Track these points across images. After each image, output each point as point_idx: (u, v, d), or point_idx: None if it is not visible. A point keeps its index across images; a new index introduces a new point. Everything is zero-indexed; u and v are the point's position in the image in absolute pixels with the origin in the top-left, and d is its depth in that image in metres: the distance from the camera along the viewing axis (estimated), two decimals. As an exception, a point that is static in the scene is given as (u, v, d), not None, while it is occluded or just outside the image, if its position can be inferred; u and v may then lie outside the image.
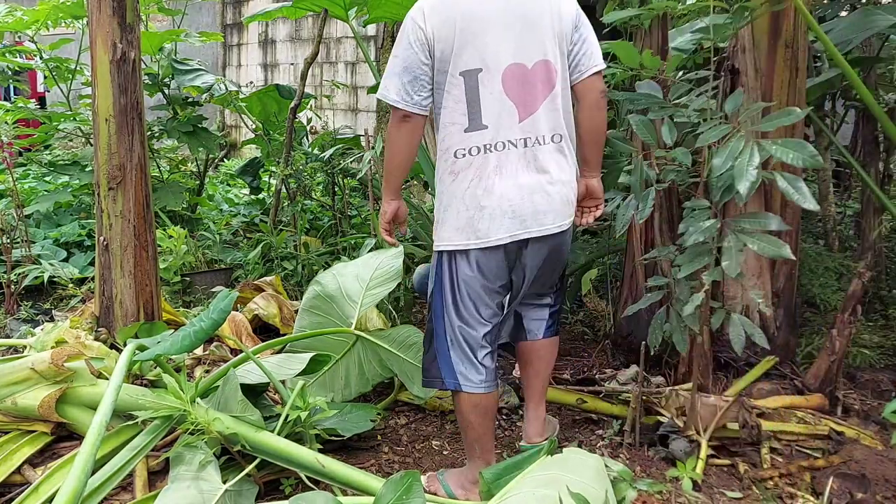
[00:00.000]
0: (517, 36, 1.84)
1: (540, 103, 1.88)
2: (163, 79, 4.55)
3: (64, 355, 2.04)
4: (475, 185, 1.86)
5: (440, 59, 1.83)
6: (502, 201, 1.85)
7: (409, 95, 1.84)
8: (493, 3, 1.84)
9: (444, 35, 1.81)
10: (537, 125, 1.88)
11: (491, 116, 1.85)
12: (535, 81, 1.87)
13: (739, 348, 1.84)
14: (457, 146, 1.87)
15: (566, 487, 1.57)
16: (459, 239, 1.88)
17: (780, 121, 1.82)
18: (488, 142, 1.85)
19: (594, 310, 3.49)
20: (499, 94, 1.85)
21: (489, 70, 1.83)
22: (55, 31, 4.51)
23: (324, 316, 2.50)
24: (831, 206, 3.65)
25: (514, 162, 1.86)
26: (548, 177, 1.89)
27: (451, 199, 1.89)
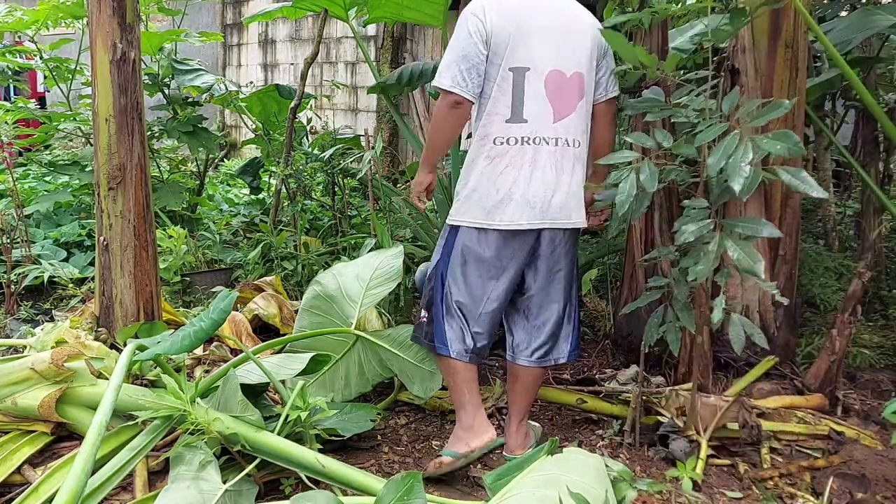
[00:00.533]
0: (560, 46, 2.03)
1: (572, 110, 2.07)
2: (163, 79, 4.55)
3: (64, 355, 2.04)
4: (508, 172, 2.02)
5: (494, 53, 1.99)
6: (529, 191, 2.02)
7: (465, 82, 1.98)
8: (544, 13, 2.03)
9: (502, 31, 1.98)
10: (568, 129, 2.07)
11: (531, 113, 2.02)
12: (571, 89, 2.06)
13: (739, 348, 1.84)
14: (496, 134, 2.03)
15: (566, 487, 1.57)
16: (485, 219, 2.04)
17: (770, 114, 1.81)
18: (527, 135, 2.02)
19: (594, 310, 3.49)
20: (541, 94, 2.02)
21: (535, 71, 2.01)
22: (55, 31, 4.51)
23: (324, 316, 2.50)
24: (831, 206, 3.65)
25: (545, 158, 2.04)
26: (568, 177, 2.07)
27: (481, 181, 2.05)
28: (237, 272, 4.17)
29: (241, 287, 3.41)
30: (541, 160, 2.03)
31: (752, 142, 1.73)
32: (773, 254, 2.59)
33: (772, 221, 2.39)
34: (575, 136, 2.09)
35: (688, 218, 1.90)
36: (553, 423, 2.48)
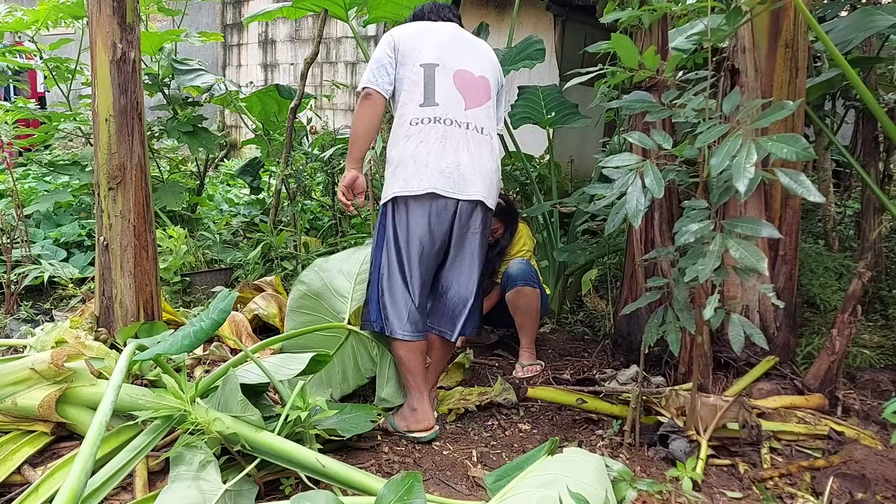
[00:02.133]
0: (465, 53, 2.42)
1: (481, 104, 2.39)
2: (163, 79, 4.55)
3: (64, 355, 2.04)
4: (422, 146, 2.27)
5: (403, 55, 2.33)
6: (442, 162, 2.26)
7: (375, 78, 2.32)
8: (447, 31, 2.44)
9: (409, 39, 2.36)
10: (478, 118, 2.37)
11: (442, 98, 2.32)
12: (479, 87, 2.40)
13: (739, 348, 1.84)
14: (412, 116, 2.32)
15: (566, 487, 1.57)
16: (405, 188, 2.26)
17: (774, 115, 1.81)
18: (439, 115, 2.31)
19: (594, 310, 3.49)
20: (451, 85, 2.35)
21: (444, 67, 2.35)
22: (55, 31, 4.51)
23: (312, 314, 2.53)
24: (831, 206, 3.65)
25: (458, 137, 2.31)
26: (479, 158, 2.33)
27: (402, 158, 2.30)
28: (237, 272, 4.17)
29: (241, 287, 3.41)
30: (453, 138, 2.30)
31: (756, 143, 1.73)
32: (773, 254, 2.59)
33: (772, 222, 2.40)
34: (485, 126, 2.38)
35: (688, 218, 1.90)
36: (553, 423, 2.48)
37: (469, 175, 2.28)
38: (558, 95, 4.22)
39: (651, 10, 2.33)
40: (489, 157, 2.35)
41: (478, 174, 2.30)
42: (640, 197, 1.86)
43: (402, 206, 2.27)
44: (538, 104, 4.23)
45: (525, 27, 5.65)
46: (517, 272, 2.99)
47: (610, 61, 2.65)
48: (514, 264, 3.03)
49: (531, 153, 4.83)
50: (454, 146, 2.28)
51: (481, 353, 3.17)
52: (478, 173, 2.30)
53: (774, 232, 1.80)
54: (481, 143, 2.34)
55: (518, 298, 2.98)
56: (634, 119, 2.79)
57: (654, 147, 2.00)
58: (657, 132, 2.02)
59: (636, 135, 2.05)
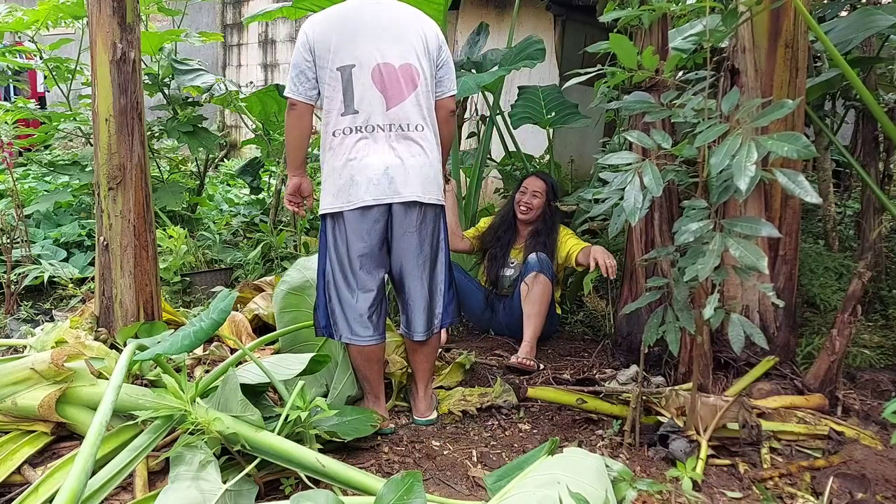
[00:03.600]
0: (385, 41, 2.26)
1: (406, 96, 2.27)
2: (163, 79, 4.55)
3: (64, 355, 2.04)
4: (349, 158, 2.23)
5: (319, 57, 2.24)
6: (369, 172, 2.22)
7: (297, 86, 2.27)
8: (367, 14, 2.27)
9: (323, 38, 2.23)
10: (404, 114, 2.27)
11: (362, 103, 2.24)
12: (402, 79, 2.27)
13: (739, 348, 1.84)
14: (335, 127, 2.26)
15: (566, 487, 1.57)
16: (335, 204, 2.25)
17: (774, 114, 1.81)
18: (360, 124, 2.24)
19: (594, 310, 3.49)
20: (369, 86, 2.24)
21: (361, 66, 2.24)
22: (55, 31, 4.51)
23: (297, 310, 2.55)
24: (831, 206, 3.65)
25: (382, 142, 2.25)
26: (408, 157, 2.26)
27: (330, 172, 2.28)
28: (237, 272, 4.17)
29: (241, 287, 3.41)
30: (376, 145, 2.24)
31: (756, 142, 1.73)
32: (773, 254, 2.59)
33: (772, 221, 2.39)
34: (412, 120, 2.29)
35: (688, 218, 1.90)
36: (553, 423, 2.48)
37: (398, 177, 2.23)
38: (558, 95, 4.22)
39: (650, 10, 2.32)
40: (419, 153, 2.28)
41: (408, 174, 2.25)
42: (639, 195, 1.87)
43: (339, 219, 2.26)
44: (538, 104, 4.24)
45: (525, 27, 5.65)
46: (536, 261, 3.10)
47: (610, 61, 2.64)
48: (535, 255, 3.13)
49: (531, 153, 4.83)
50: (379, 152, 2.23)
51: (481, 354, 3.17)
52: (408, 173, 2.25)
53: (774, 231, 1.80)
54: (409, 141, 2.28)
55: (533, 284, 3.04)
56: (634, 119, 2.79)
57: (654, 146, 2.00)
58: (657, 132, 2.02)
59: (635, 134, 2.05)
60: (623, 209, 1.89)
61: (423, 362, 2.44)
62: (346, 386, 2.42)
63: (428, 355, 2.43)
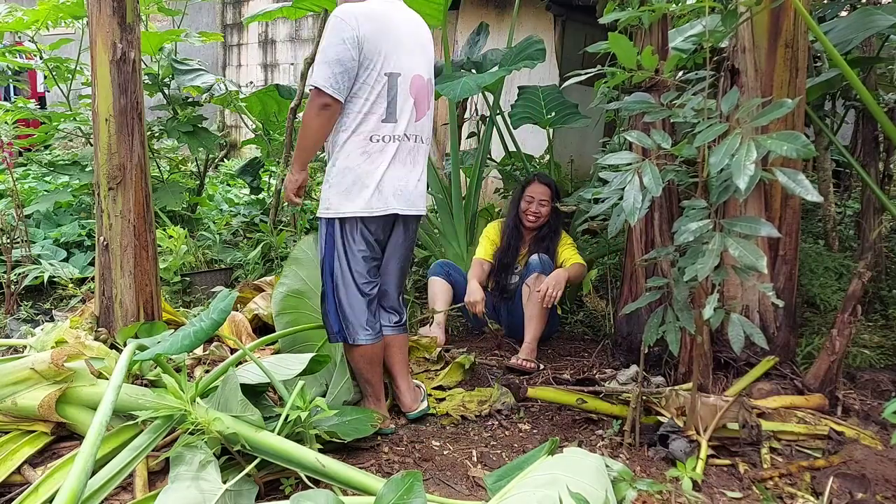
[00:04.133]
0: (418, 54, 2.29)
1: (427, 110, 2.34)
2: (163, 79, 4.55)
3: (64, 355, 2.04)
4: (381, 166, 2.22)
5: (367, 58, 2.14)
6: (396, 182, 2.24)
7: (339, 84, 2.11)
8: (405, 23, 2.26)
9: (374, 38, 2.13)
10: (423, 128, 2.33)
11: (402, 113, 2.24)
12: (427, 93, 2.33)
13: (739, 348, 1.84)
14: (373, 132, 2.20)
15: (566, 487, 1.57)
16: (366, 209, 2.21)
17: (773, 114, 1.81)
18: (398, 133, 2.24)
19: (594, 310, 3.49)
20: (408, 97, 2.25)
21: (404, 76, 2.23)
22: (55, 31, 4.51)
23: (297, 312, 2.56)
24: (831, 206, 3.65)
25: (404, 153, 2.27)
26: (418, 170, 2.34)
27: (360, 175, 2.21)
28: (237, 272, 4.17)
29: (241, 287, 3.41)
30: (402, 155, 2.26)
31: (756, 141, 1.73)
32: (773, 254, 2.59)
33: (772, 221, 2.40)
34: (425, 134, 2.36)
35: (687, 218, 1.90)
36: (553, 423, 2.48)
37: (415, 191, 2.31)
38: (558, 95, 4.22)
39: (650, 11, 2.32)
40: (424, 168, 2.37)
41: (420, 188, 2.34)
42: (638, 195, 1.87)
43: (358, 224, 2.23)
44: (538, 104, 4.24)
45: (525, 27, 5.65)
46: (538, 262, 3.11)
47: (610, 61, 2.64)
48: (536, 256, 3.14)
49: (531, 153, 4.83)
50: (403, 163, 2.26)
51: (481, 354, 3.17)
52: (420, 187, 2.34)
53: (773, 231, 1.80)
54: (423, 154, 2.36)
55: (535, 286, 3.04)
56: (634, 119, 2.79)
57: (654, 146, 2.00)
58: (656, 132, 2.02)
59: (635, 134, 2.05)
60: (622, 209, 1.89)
61: (399, 354, 2.46)
62: (344, 389, 2.42)
63: (403, 346, 2.49)
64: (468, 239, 3.94)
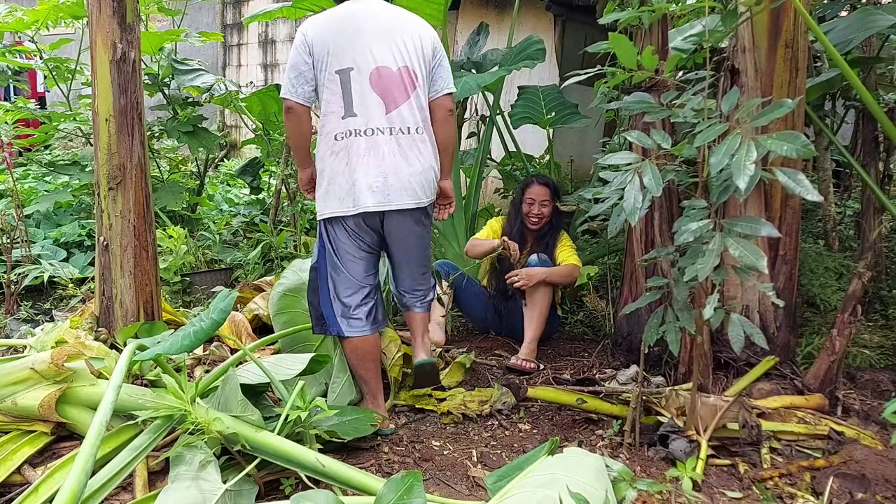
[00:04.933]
0: (381, 45, 2.28)
1: (404, 100, 2.30)
2: (163, 79, 4.55)
3: (64, 355, 2.04)
4: (350, 163, 2.26)
5: (318, 60, 2.26)
6: (369, 178, 2.25)
7: (295, 88, 2.27)
8: (363, 18, 2.29)
9: (322, 40, 2.25)
10: (403, 118, 2.30)
11: (361, 107, 2.27)
12: (399, 82, 2.30)
13: (739, 348, 1.84)
14: (335, 130, 2.28)
15: (566, 487, 1.57)
16: (339, 209, 2.28)
17: (773, 113, 1.81)
18: (359, 127, 2.27)
19: (594, 310, 3.49)
20: (367, 90, 2.27)
21: (359, 70, 2.26)
22: (55, 31, 4.51)
23: (293, 311, 2.56)
24: (831, 206, 3.65)
25: (382, 146, 2.27)
26: (407, 161, 2.30)
27: (333, 176, 2.29)
28: (237, 272, 4.17)
29: (241, 287, 3.41)
30: (377, 149, 2.27)
31: (756, 141, 1.73)
32: (773, 254, 2.59)
33: (772, 221, 2.39)
34: (411, 124, 2.31)
35: (687, 218, 1.90)
36: (553, 423, 2.48)
37: (395, 184, 2.27)
38: (558, 95, 4.22)
39: (650, 11, 2.32)
40: (418, 157, 2.32)
41: (406, 180, 2.29)
42: (638, 195, 1.86)
43: (339, 224, 2.30)
44: (538, 104, 4.24)
45: (525, 27, 5.65)
46: (537, 261, 3.10)
47: (610, 61, 2.64)
48: (535, 256, 3.14)
49: (531, 153, 4.83)
50: (379, 157, 2.26)
51: (481, 354, 3.17)
52: (406, 179, 2.29)
53: (774, 231, 1.80)
54: (410, 143, 2.31)
55: (535, 286, 3.03)
56: (634, 119, 2.79)
57: (654, 146, 2.00)
58: (656, 132, 2.02)
59: (635, 134, 2.05)
60: (623, 209, 1.89)
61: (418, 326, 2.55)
62: (345, 388, 2.43)
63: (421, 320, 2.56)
64: (468, 238, 3.94)
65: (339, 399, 2.41)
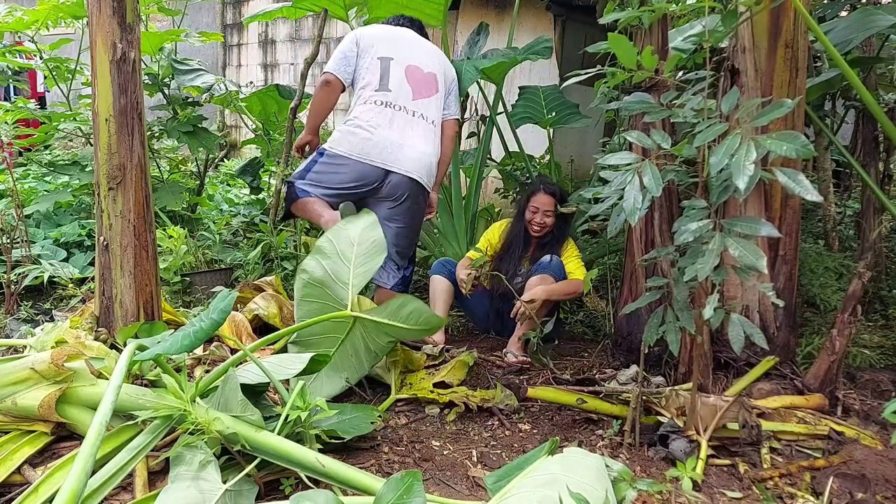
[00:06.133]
0: (416, 50, 2.97)
1: (429, 95, 2.93)
2: (163, 79, 4.55)
3: (64, 355, 2.04)
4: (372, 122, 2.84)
5: (363, 50, 2.90)
6: (385, 139, 2.82)
7: (339, 68, 2.90)
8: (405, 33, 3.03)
9: (370, 37, 2.93)
10: (425, 108, 2.91)
11: (394, 86, 2.88)
12: (428, 81, 2.94)
13: (739, 348, 1.84)
14: (368, 97, 2.87)
15: (566, 487, 1.57)
16: (350, 150, 2.85)
17: (773, 114, 1.81)
18: (390, 100, 2.87)
19: (594, 310, 3.49)
20: (402, 77, 2.89)
21: (397, 61, 2.90)
22: (55, 31, 4.51)
23: (319, 302, 2.52)
24: (831, 206, 3.65)
25: (402, 121, 2.86)
26: (419, 140, 2.88)
27: (354, 126, 2.86)
28: (237, 272, 4.17)
29: (241, 287, 3.41)
30: (398, 121, 2.84)
31: (755, 141, 1.73)
32: (773, 254, 2.59)
33: (772, 221, 2.40)
34: (430, 115, 2.91)
35: (687, 218, 1.90)
36: (553, 423, 2.48)
37: (407, 154, 2.81)
38: (558, 95, 4.23)
39: (650, 11, 2.32)
40: (431, 143, 2.89)
41: (417, 155, 2.83)
42: (638, 195, 1.86)
43: (343, 161, 2.86)
44: (538, 104, 4.24)
45: (525, 27, 5.65)
46: (548, 262, 3.11)
47: (610, 61, 2.64)
48: (548, 256, 3.14)
49: (531, 153, 4.83)
50: (399, 128, 2.82)
51: (482, 354, 3.17)
52: (417, 154, 2.82)
53: (773, 231, 1.80)
54: (426, 129, 2.89)
55: (536, 283, 3.03)
56: (634, 119, 2.79)
57: (654, 146, 2.00)
58: (656, 132, 2.01)
59: (635, 134, 2.05)
60: (622, 209, 1.89)
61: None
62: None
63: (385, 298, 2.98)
64: (468, 239, 3.94)
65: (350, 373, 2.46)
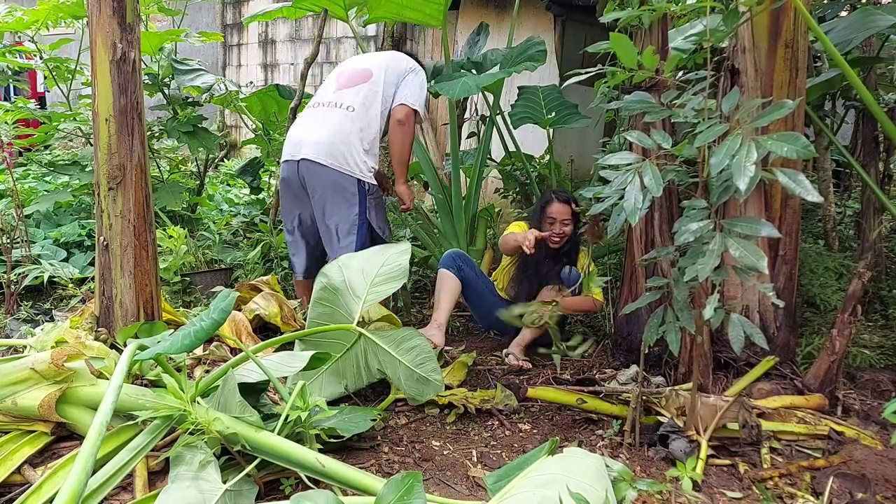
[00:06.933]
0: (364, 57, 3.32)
1: (352, 85, 3.11)
2: (163, 79, 4.55)
3: (64, 355, 2.04)
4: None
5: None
6: (293, 136, 3.12)
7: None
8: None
9: None
10: (344, 97, 3.08)
11: (321, 89, 3.25)
12: (357, 73, 3.15)
13: (739, 348, 1.84)
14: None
15: (566, 487, 1.57)
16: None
17: (773, 114, 1.81)
18: (312, 103, 3.20)
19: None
20: (333, 77, 3.26)
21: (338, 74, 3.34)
22: (55, 31, 4.51)
23: (330, 307, 2.52)
24: (831, 206, 3.65)
25: (315, 115, 3.09)
26: (326, 126, 3.02)
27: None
28: (237, 272, 4.17)
29: (238, 287, 3.41)
30: (309, 117, 3.10)
31: (756, 142, 1.73)
32: (773, 254, 2.59)
33: (772, 221, 2.40)
34: (347, 102, 3.05)
35: (688, 218, 1.90)
36: (553, 423, 2.48)
37: (311, 138, 2.98)
38: (558, 95, 4.22)
39: (651, 10, 2.32)
40: (339, 126, 2.98)
41: (317, 138, 2.97)
42: (639, 195, 1.86)
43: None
44: (538, 104, 4.24)
45: (525, 27, 5.65)
46: (567, 275, 3.05)
47: (610, 61, 2.65)
48: (567, 268, 3.07)
49: (531, 153, 4.83)
50: (309, 121, 3.06)
51: (481, 354, 3.17)
52: (317, 138, 2.97)
53: (774, 231, 1.80)
54: (340, 116, 3.01)
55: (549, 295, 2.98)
56: (634, 119, 2.79)
57: (654, 146, 2.00)
58: (657, 132, 2.01)
59: (635, 134, 2.05)
60: (623, 209, 1.89)
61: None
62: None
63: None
64: (468, 239, 3.94)
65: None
